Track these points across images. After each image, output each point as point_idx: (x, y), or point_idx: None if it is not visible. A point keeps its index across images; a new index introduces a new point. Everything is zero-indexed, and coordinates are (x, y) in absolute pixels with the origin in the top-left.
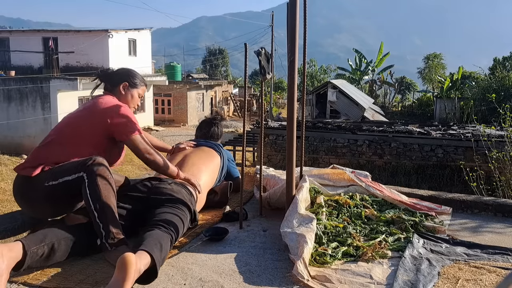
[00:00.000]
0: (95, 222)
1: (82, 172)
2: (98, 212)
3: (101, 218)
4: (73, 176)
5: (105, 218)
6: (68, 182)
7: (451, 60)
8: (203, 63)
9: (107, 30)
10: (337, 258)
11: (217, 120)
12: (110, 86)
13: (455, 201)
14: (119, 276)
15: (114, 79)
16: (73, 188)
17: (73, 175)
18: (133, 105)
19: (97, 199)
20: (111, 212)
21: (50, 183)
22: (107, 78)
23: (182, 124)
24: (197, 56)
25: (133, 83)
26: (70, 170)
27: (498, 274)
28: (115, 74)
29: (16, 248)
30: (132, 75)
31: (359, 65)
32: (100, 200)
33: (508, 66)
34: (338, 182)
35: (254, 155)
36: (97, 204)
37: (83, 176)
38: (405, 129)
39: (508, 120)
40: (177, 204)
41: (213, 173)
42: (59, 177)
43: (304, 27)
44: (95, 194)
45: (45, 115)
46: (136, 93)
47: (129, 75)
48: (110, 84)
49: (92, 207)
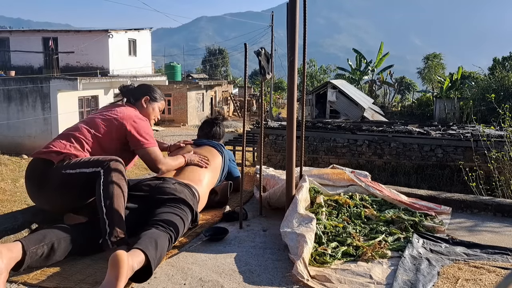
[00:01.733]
0: (102, 218)
1: (100, 168)
2: (107, 208)
3: (108, 215)
4: (91, 169)
5: (112, 216)
6: (85, 174)
7: (451, 60)
8: (203, 63)
9: (107, 30)
10: (337, 258)
11: (219, 120)
12: (133, 99)
13: (455, 201)
14: (112, 274)
15: (136, 94)
16: (88, 181)
17: (91, 168)
18: (154, 118)
19: (109, 196)
20: (119, 212)
21: (68, 171)
22: (129, 93)
23: (182, 124)
24: (197, 56)
25: (153, 97)
26: (89, 163)
27: (497, 274)
28: (137, 89)
29: (15, 248)
30: (152, 90)
31: (359, 65)
32: (111, 198)
33: (508, 66)
34: (337, 182)
35: (254, 155)
36: (108, 201)
37: (100, 171)
38: (404, 129)
39: (508, 120)
40: (179, 204)
41: (215, 172)
42: (77, 168)
43: (304, 27)
44: (108, 191)
45: (45, 115)
46: (157, 107)
47: (150, 90)
48: (133, 98)
49: (103, 203)
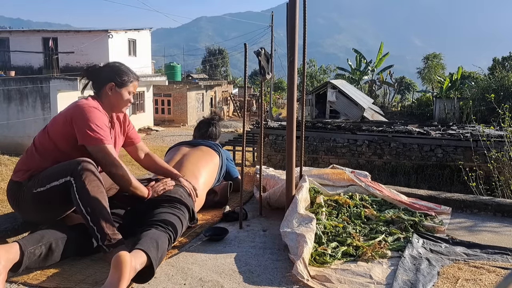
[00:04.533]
0: (89, 226)
1: (69, 176)
2: (90, 215)
3: (94, 221)
4: (61, 180)
5: (98, 221)
6: (56, 187)
7: (451, 60)
8: (203, 63)
9: (107, 30)
10: (336, 258)
11: (215, 120)
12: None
13: (455, 201)
14: (115, 275)
15: (100, 79)
16: (62, 193)
17: (60, 179)
18: (125, 105)
19: (88, 202)
20: (103, 213)
21: (38, 189)
22: (94, 76)
23: (182, 124)
24: (197, 56)
25: (120, 82)
26: (57, 174)
27: (497, 274)
28: (101, 72)
29: (13, 249)
30: (119, 72)
31: (359, 65)
32: (91, 203)
33: (508, 66)
34: (337, 182)
35: (254, 155)
36: (88, 207)
37: (71, 180)
38: (404, 129)
39: (507, 120)
40: (175, 204)
41: (212, 172)
42: (46, 183)
43: (304, 27)
44: (85, 198)
45: (45, 115)
46: (126, 92)
47: (116, 73)
48: (96, 83)
49: (84, 211)
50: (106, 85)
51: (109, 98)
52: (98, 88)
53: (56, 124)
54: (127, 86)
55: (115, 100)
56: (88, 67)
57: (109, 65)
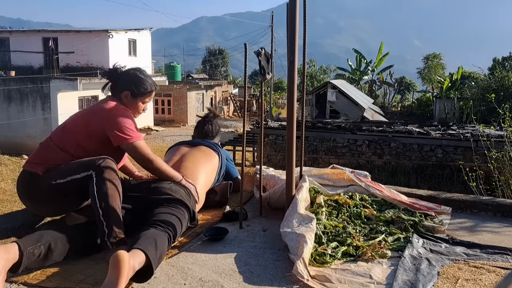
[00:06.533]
0: (99, 220)
1: (91, 171)
2: (103, 210)
3: (105, 216)
4: (82, 174)
5: (109, 217)
6: (77, 180)
7: (451, 60)
8: (203, 63)
9: (107, 31)
10: (336, 258)
11: (209, 118)
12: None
13: (455, 201)
14: (113, 274)
15: (118, 85)
16: (81, 187)
17: (82, 173)
18: (137, 113)
19: (104, 198)
20: (116, 212)
21: (58, 181)
22: (113, 79)
23: (182, 124)
24: (197, 56)
25: (136, 92)
26: (79, 168)
27: (497, 274)
28: (120, 78)
29: (12, 249)
30: (136, 83)
31: (359, 65)
32: (107, 199)
33: (508, 66)
34: (337, 182)
35: (254, 155)
36: (103, 202)
37: (92, 174)
38: (404, 129)
39: (508, 120)
40: (175, 204)
41: (211, 172)
42: (67, 175)
43: (304, 27)
44: (102, 193)
45: (45, 115)
46: (140, 102)
47: (133, 83)
48: (114, 87)
49: (98, 205)
50: (122, 92)
51: (124, 103)
52: (115, 92)
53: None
54: (142, 97)
55: (128, 107)
56: (110, 69)
57: (130, 72)
